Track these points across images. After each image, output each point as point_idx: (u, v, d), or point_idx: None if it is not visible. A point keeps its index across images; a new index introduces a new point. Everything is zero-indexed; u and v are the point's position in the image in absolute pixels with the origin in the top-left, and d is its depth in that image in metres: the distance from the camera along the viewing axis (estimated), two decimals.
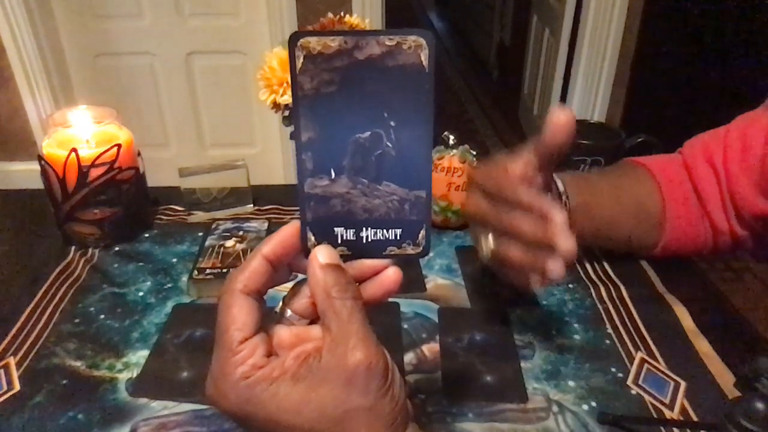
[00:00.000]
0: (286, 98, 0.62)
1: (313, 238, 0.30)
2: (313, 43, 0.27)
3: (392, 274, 0.32)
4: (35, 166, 0.63)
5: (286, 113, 0.64)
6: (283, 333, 0.31)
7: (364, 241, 0.31)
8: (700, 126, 0.63)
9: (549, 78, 2.41)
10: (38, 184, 0.65)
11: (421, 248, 0.31)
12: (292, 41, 0.27)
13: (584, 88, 2.24)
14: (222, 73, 2.18)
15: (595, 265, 0.63)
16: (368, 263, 0.32)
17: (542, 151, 0.42)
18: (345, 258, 0.31)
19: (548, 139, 0.41)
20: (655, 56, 2.11)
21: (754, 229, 0.56)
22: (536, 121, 2.64)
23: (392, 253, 0.31)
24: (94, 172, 0.62)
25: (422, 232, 0.31)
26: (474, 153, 0.68)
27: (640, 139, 0.72)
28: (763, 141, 0.53)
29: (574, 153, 0.71)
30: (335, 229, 0.30)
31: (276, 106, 0.63)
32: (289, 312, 0.31)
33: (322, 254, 0.30)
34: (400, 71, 0.28)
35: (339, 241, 0.31)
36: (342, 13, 0.69)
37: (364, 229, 0.31)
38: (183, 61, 2.16)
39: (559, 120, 0.39)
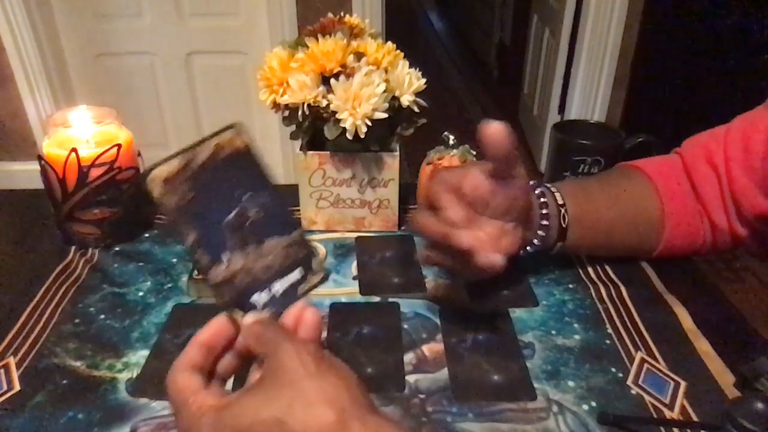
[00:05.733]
0: (287, 98, 0.62)
1: (240, 315, 0.35)
2: (162, 171, 0.34)
3: (310, 315, 0.36)
4: (35, 166, 0.63)
5: (287, 113, 0.64)
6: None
7: (278, 295, 0.36)
8: (700, 126, 0.63)
9: (549, 78, 2.41)
10: (38, 184, 0.65)
11: (322, 272, 0.39)
12: (143, 178, 0.34)
13: (584, 88, 2.24)
14: (222, 73, 2.18)
15: (596, 265, 0.63)
16: (289, 316, 0.36)
17: (491, 167, 0.44)
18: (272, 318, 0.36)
19: (489, 154, 0.42)
20: (655, 56, 2.11)
21: (755, 228, 0.56)
22: (536, 121, 2.64)
23: (305, 290, 0.37)
24: (94, 172, 0.62)
25: (314, 260, 0.37)
26: (474, 153, 0.68)
27: (640, 139, 0.72)
28: (765, 141, 0.53)
29: (575, 153, 0.71)
30: (252, 298, 0.35)
31: (276, 106, 0.63)
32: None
33: (250, 317, 0.35)
34: (232, 158, 0.35)
35: (260, 307, 0.36)
36: (342, 14, 0.69)
37: (273, 285, 0.36)
38: (183, 61, 2.16)
39: (490, 132, 0.41)
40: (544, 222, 0.54)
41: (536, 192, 0.54)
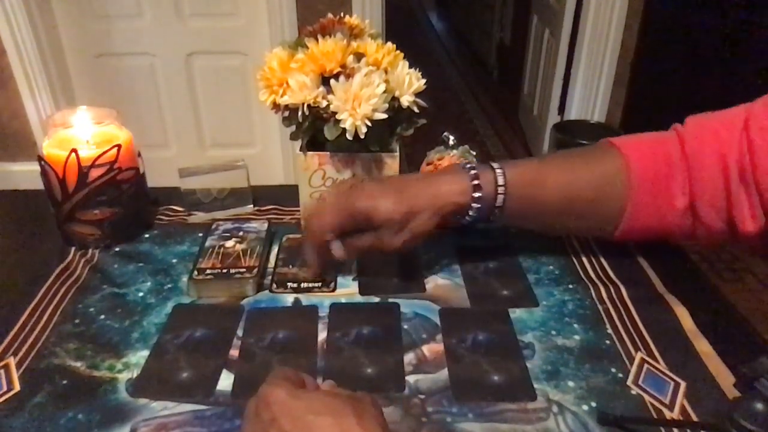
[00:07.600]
0: (286, 99, 0.62)
1: None
2: None
3: None
4: (35, 167, 0.63)
5: (287, 114, 0.64)
6: None
7: None
8: None
9: (549, 78, 2.41)
10: (38, 184, 0.65)
11: None
12: None
13: (584, 88, 2.24)
14: (222, 74, 2.18)
15: (595, 265, 0.63)
16: None
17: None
18: None
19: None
20: (655, 56, 2.11)
21: None
22: (536, 121, 2.64)
23: None
24: (94, 173, 0.62)
25: None
26: (474, 153, 0.68)
27: None
28: None
29: None
30: None
31: (276, 106, 0.63)
32: None
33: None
34: None
35: None
36: (342, 14, 0.69)
37: None
38: (183, 62, 2.16)
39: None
40: (476, 199, 0.55)
41: (470, 173, 0.55)
